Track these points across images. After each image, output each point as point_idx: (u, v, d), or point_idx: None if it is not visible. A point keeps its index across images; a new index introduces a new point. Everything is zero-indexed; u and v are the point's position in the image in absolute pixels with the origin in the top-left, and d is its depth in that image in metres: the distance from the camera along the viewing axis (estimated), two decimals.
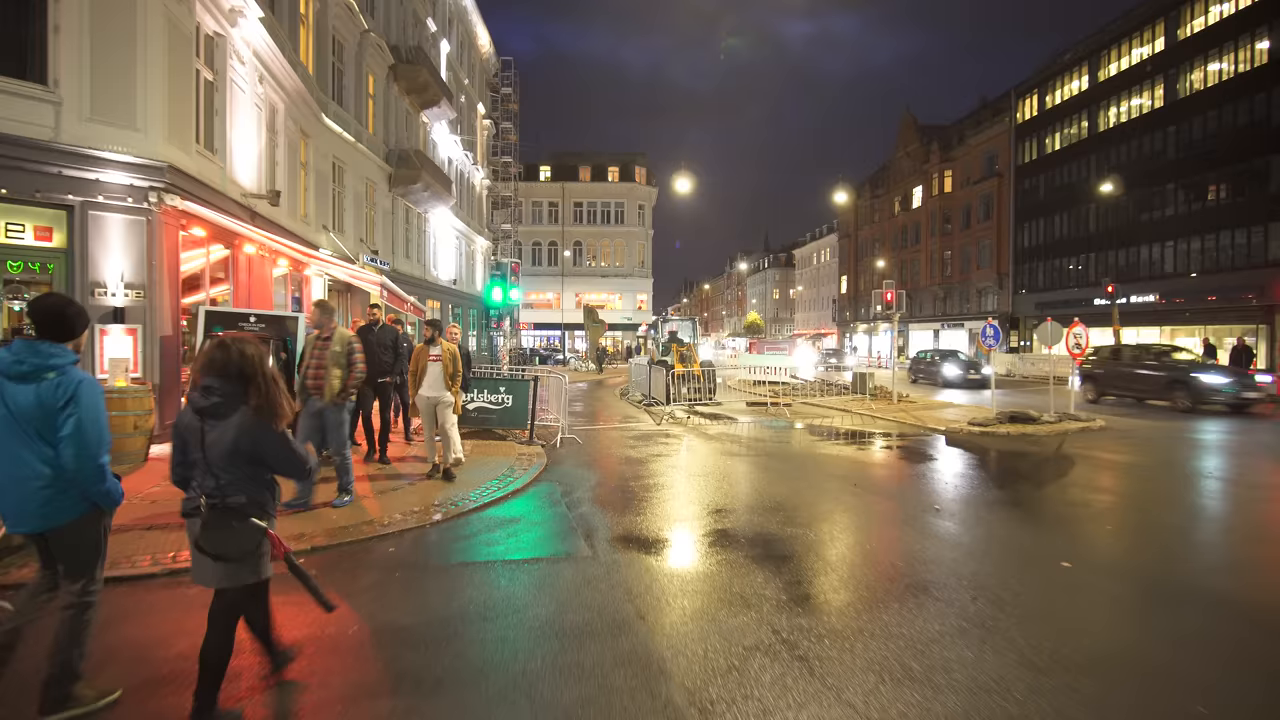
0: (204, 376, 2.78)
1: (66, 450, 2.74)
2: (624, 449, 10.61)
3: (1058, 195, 44.33)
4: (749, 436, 12.12)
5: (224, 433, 2.71)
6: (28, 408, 2.74)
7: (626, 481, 8.09)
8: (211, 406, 2.73)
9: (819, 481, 8.39)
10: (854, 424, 13.93)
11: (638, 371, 21.74)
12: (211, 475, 2.72)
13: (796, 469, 9.13)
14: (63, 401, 2.75)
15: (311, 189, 16.94)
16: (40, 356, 2.78)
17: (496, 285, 11.38)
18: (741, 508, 6.87)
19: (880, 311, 17.30)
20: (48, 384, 2.75)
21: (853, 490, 7.83)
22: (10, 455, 2.77)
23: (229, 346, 2.80)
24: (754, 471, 8.97)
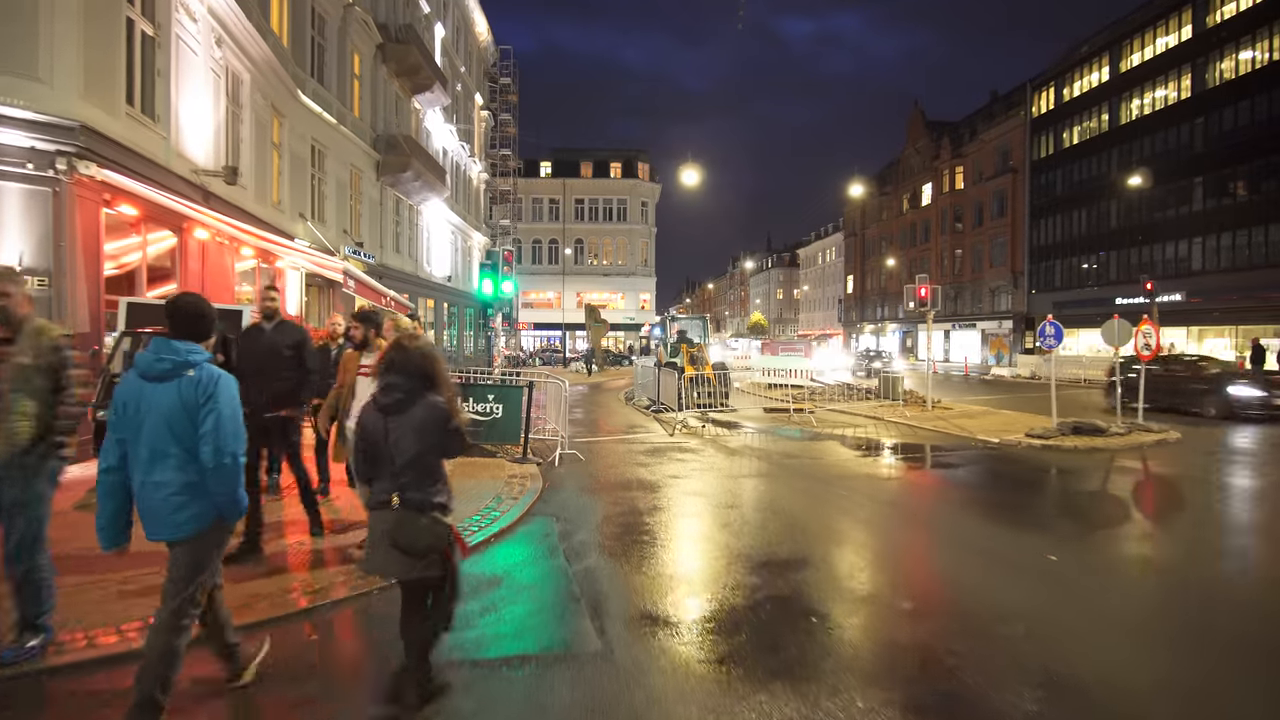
0: (386, 375, 2.86)
1: (205, 447, 2.70)
2: (635, 468, 9.01)
3: (1076, 191, 42.70)
4: (778, 451, 10.51)
5: (408, 429, 2.78)
6: (168, 408, 2.70)
7: (642, 517, 6.48)
8: (395, 404, 2.80)
9: (889, 520, 6.78)
10: (892, 435, 12.33)
11: (644, 374, 20.14)
12: (398, 471, 2.78)
13: (850, 500, 7.51)
14: (203, 398, 2.72)
15: (286, 173, 15.35)
16: (179, 354, 2.75)
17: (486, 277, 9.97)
18: (806, 559, 5.25)
19: (914, 308, 15.73)
20: (188, 381, 2.73)
21: (941, 536, 6.22)
22: (149, 460, 2.70)
23: (408, 347, 2.90)
24: (800, 501, 7.36)
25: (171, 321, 2.84)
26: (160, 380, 2.71)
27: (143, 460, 2.69)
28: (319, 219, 17.30)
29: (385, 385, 2.86)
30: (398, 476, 2.79)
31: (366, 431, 2.87)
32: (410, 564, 2.78)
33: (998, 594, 4.54)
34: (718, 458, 9.82)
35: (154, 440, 2.68)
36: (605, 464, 9.19)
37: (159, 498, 2.69)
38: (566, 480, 8.04)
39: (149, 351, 2.76)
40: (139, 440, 2.69)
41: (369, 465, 2.88)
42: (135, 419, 2.69)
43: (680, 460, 9.53)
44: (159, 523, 2.72)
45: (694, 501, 7.11)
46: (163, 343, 2.77)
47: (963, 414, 15.09)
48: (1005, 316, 50.06)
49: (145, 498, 2.71)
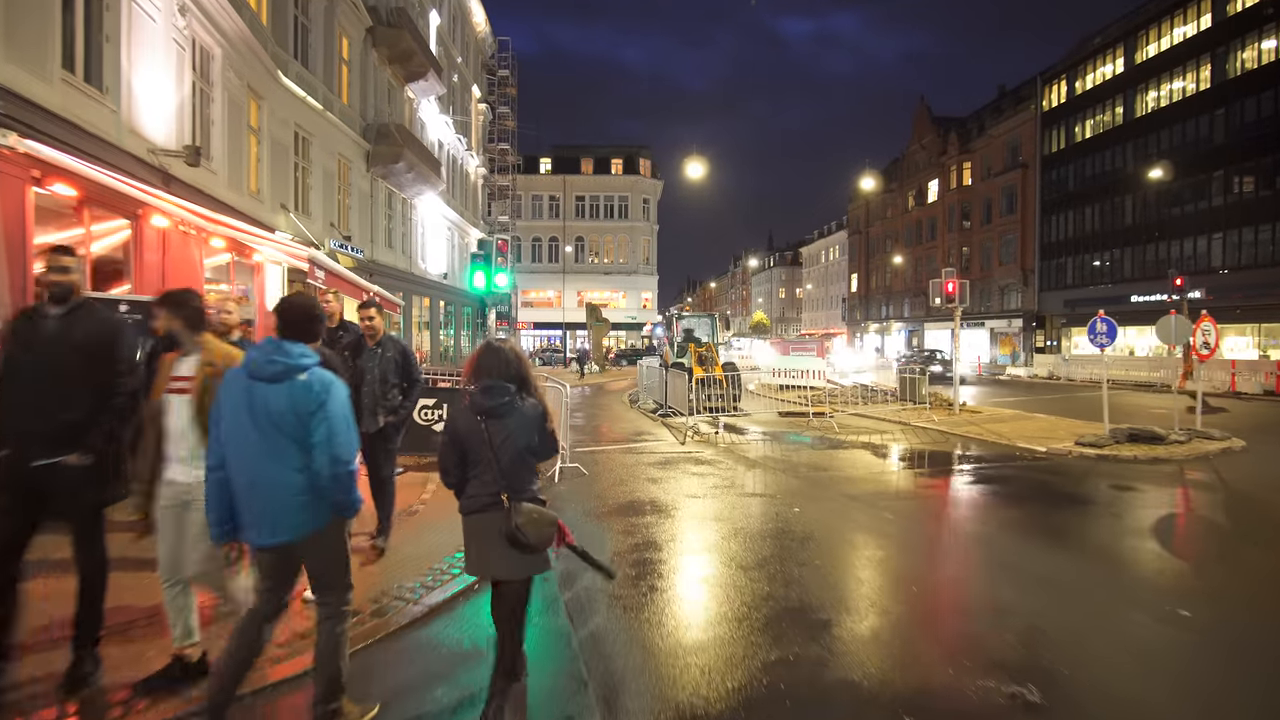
0: (483, 378, 2.83)
1: (321, 456, 2.61)
2: (645, 484, 7.93)
3: (1089, 186, 41.58)
4: (804, 463, 9.42)
5: (510, 431, 2.78)
6: (280, 411, 2.60)
7: (659, 553, 5.40)
8: (498, 407, 2.77)
9: (955, 557, 5.70)
10: (923, 442, 11.26)
11: (649, 375, 19.06)
12: (503, 473, 2.77)
13: (901, 528, 6.43)
14: (315, 405, 2.63)
15: (266, 160, 14.28)
16: (291, 356, 2.67)
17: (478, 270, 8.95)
18: (869, 618, 4.17)
19: (940, 304, 14.67)
20: (299, 385, 2.64)
21: (1026, 580, 5.15)
22: (261, 461, 2.60)
23: (501, 349, 2.93)
24: (843, 530, 6.28)
25: (281, 321, 2.76)
26: (271, 381, 2.62)
27: (254, 461, 2.60)
28: (303, 211, 16.23)
29: (486, 388, 2.81)
30: (504, 477, 2.77)
31: (460, 434, 2.82)
32: (528, 562, 2.80)
33: (1146, 679, 3.46)
34: (737, 471, 8.74)
35: (269, 441, 2.59)
36: (612, 479, 8.09)
37: (279, 499, 2.61)
38: (568, 501, 6.96)
39: (259, 351, 2.68)
40: (248, 441, 2.60)
41: (462, 468, 2.84)
42: (243, 419, 2.60)
43: (696, 475, 8.44)
44: (277, 524, 2.62)
45: (719, 531, 6.02)
46: (274, 343, 2.69)
47: (993, 418, 14.02)
48: (1015, 315, 48.96)
49: (259, 499, 2.61)
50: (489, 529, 2.76)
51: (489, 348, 2.96)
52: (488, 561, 2.82)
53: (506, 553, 2.75)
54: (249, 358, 2.69)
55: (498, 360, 2.88)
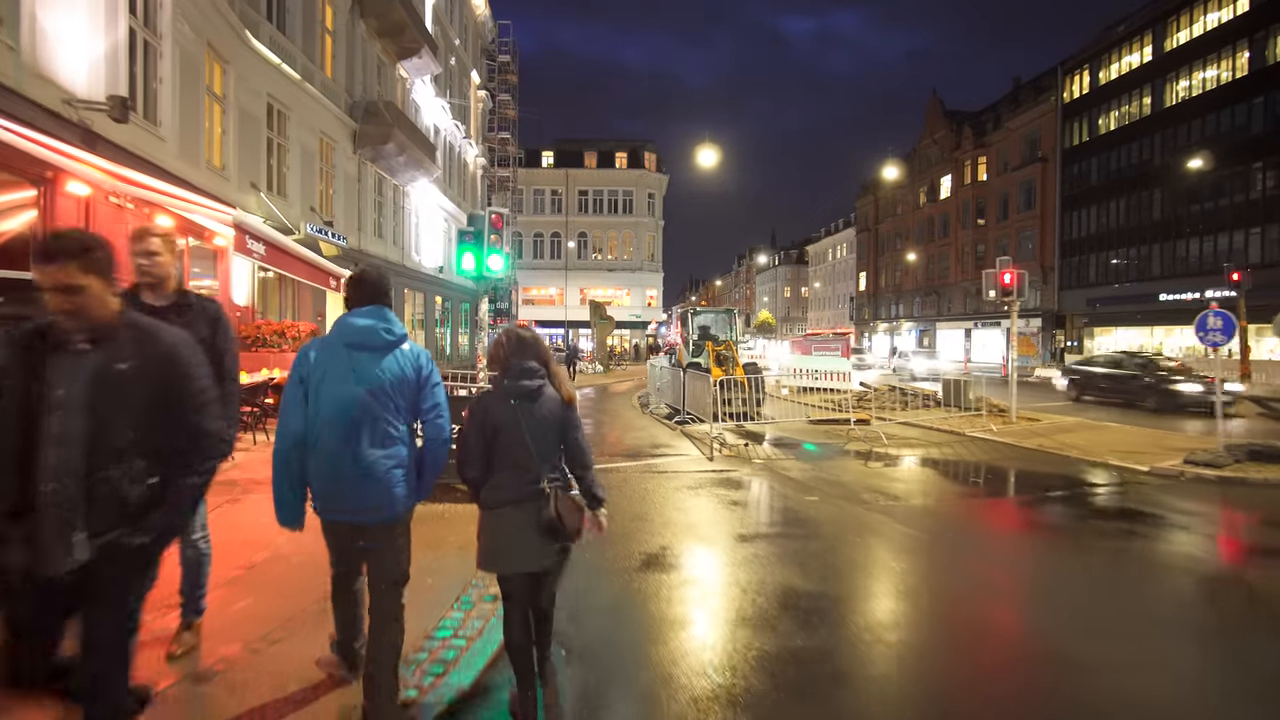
0: (520, 359, 2.73)
1: (437, 421, 2.66)
2: (679, 521, 6.24)
3: (1113, 180, 39.84)
4: (867, 488, 7.71)
5: (545, 414, 2.70)
6: (392, 380, 2.56)
7: (723, 656, 3.72)
8: (535, 390, 2.69)
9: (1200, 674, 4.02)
10: (994, 458, 9.58)
11: (661, 376, 17.40)
12: (541, 459, 2.68)
13: (1037, 587, 4.74)
14: (428, 372, 2.67)
15: (233, 133, 12.60)
16: (398, 325, 2.65)
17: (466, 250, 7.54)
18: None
19: (995, 298, 12.99)
20: (406, 354, 2.64)
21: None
22: (365, 433, 2.50)
23: (524, 334, 2.81)
24: (979, 604, 4.59)
25: (361, 292, 2.67)
26: (377, 351, 2.56)
27: (353, 433, 2.50)
28: (278, 192, 14.55)
29: (523, 369, 2.70)
30: (542, 464, 2.67)
31: (494, 422, 2.66)
32: (560, 551, 2.76)
33: None
34: (789, 498, 7.04)
35: (376, 412, 2.52)
36: (634, 514, 6.40)
37: (379, 472, 2.52)
38: (580, 546, 5.27)
39: (367, 319, 2.60)
40: (347, 412, 2.49)
41: (487, 459, 2.68)
42: (341, 389, 2.50)
43: (737, 504, 6.74)
44: (372, 498, 2.53)
45: (803, 607, 4.31)
46: (382, 311, 2.64)
47: (1056, 427, 12.32)
48: (1033, 314, 47.22)
49: (353, 473, 2.50)
50: (525, 520, 2.65)
51: (518, 332, 2.83)
52: (530, 554, 2.68)
53: (543, 543, 2.66)
54: (346, 328, 2.58)
55: (530, 342, 2.78)
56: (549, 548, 2.69)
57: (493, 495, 2.67)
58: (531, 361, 2.72)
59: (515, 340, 2.78)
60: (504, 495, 2.65)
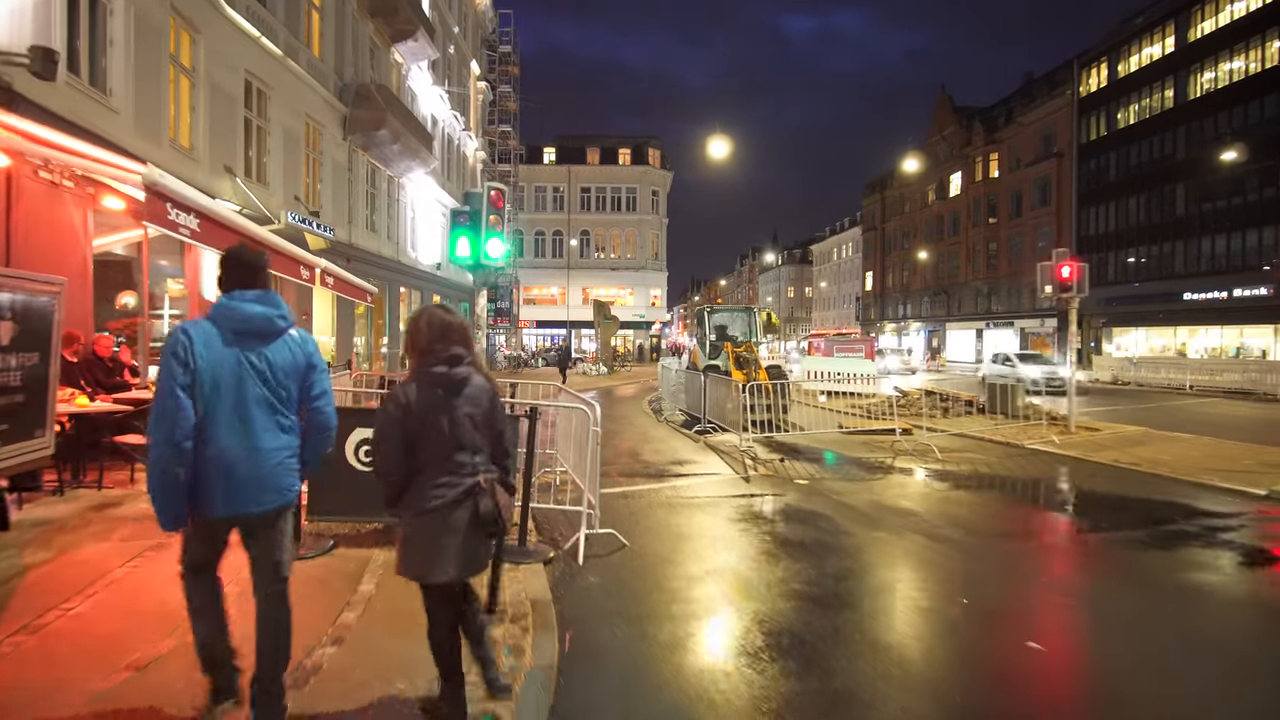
0: (448, 345, 2.48)
1: (326, 409, 2.58)
2: (730, 568, 4.95)
3: (1133, 175, 38.52)
4: (942, 518, 6.42)
5: (475, 405, 2.51)
6: (285, 368, 2.47)
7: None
8: (465, 378, 2.49)
9: None
10: (1071, 476, 8.29)
11: (673, 380, 16.11)
12: (472, 451, 2.49)
13: None
14: (315, 357, 2.57)
15: (204, 110, 11.32)
16: (286, 309, 2.51)
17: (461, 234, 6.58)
18: None
19: (1052, 294, 11.70)
20: (296, 341, 2.53)
21: None
22: (254, 424, 2.41)
23: (449, 317, 2.56)
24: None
25: (240, 274, 2.49)
26: (269, 339, 2.45)
27: (243, 425, 2.38)
28: (257, 178, 13.26)
29: (450, 356, 2.47)
30: (474, 457, 2.49)
31: (418, 416, 2.42)
32: (493, 547, 2.62)
33: None
34: (856, 537, 5.72)
35: (271, 403, 2.44)
36: (672, 560, 5.09)
37: (271, 464, 2.44)
38: (607, 619, 3.94)
39: (258, 304, 2.44)
40: (235, 403, 2.37)
41: (408, 459, 2.43)
42: (231, 380, 2.36)
43: (798, 550, 5.40)
44: (269, 489, 2.45)
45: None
46: (270, 296, 2.49)
47: (1120, 438, 11.03)
48: (1048, 314, 45.87)
49: (249, 466, 2.40)
50: (459, 521, 2.43)
51: (440, 310, 2.57)
52: (472, 556, 2.49)
53: (481, 542, 2.51)
54: (239, 312, 2.40)
55: (455, 326, 2.53)
56: (486, 544, 2.56)
57: (423, 497, 2.43)
58: (457, 347, 2.50)
59: (440, 324, 2.51)
60: (437, 495, 2.42)
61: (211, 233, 4.58)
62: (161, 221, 3.96)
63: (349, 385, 8.12)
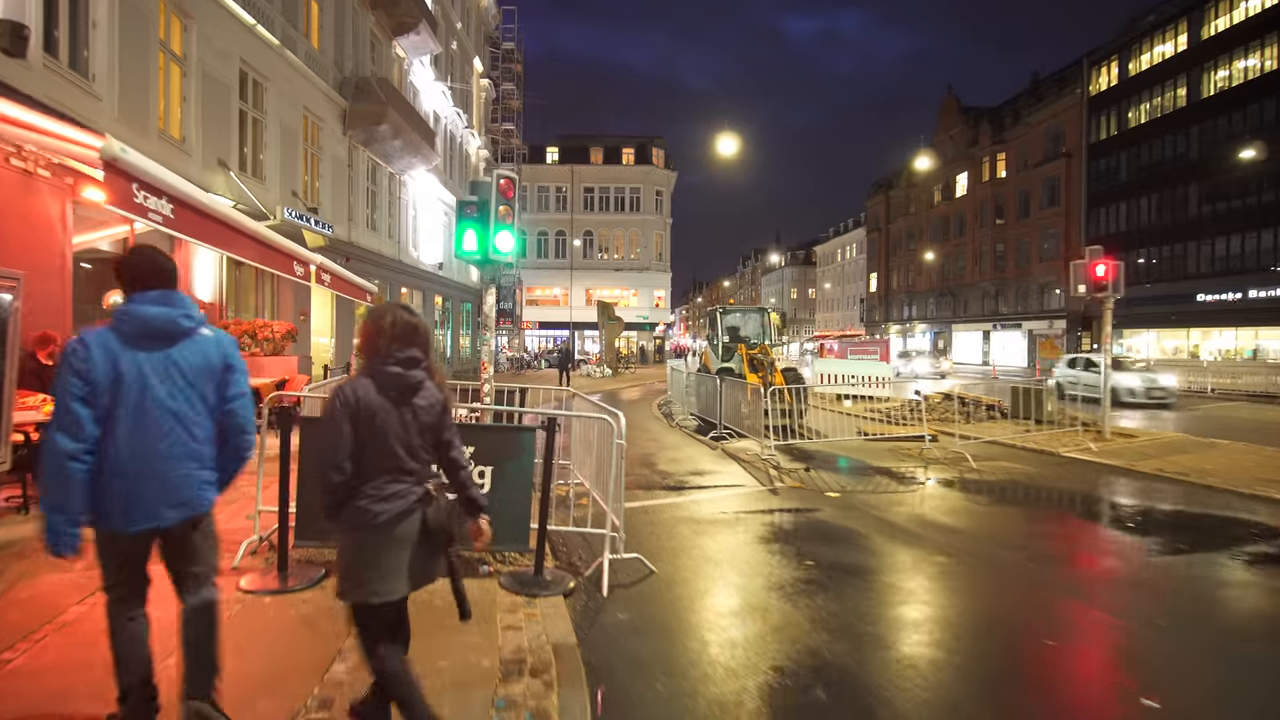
0: (404, 346, 2.33)
1: (242, 412, 2.47)
2: (777, 607, 4.40)
3: (1145, 175, 37.94)
4: (997, 539, 5.86)
5: (427, 412, 2.36)
6: (197, 368, 2.36)
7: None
8: (419, 382, 2.35)
9: None
10: (1122, 488, 7.74)
11: (684, 382, 15.57)
12: (420, 458, 2.36)
13: None
14: (232, 359, 2.46)
15: (195, 100, 10.79)
16: (195, 309, 2.41)
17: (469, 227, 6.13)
18: None
19: (1086, 293, 11.14)
20: (208, 341, 2.41)
21: None
22: (156, 431, 2.27)
23: (412, 317, 2.40)
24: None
25: (140, 275, 2.34)
26: (175, 341, 2.33)
27: (147, 434, 2.26)
28: (252, 173, 12.73)
29: (407, 358, 2.32)
30: (423, 466, 2.37)
31: (370, 419, 2.24)
32: (448, 558, 2.42)
33: None
34: (920, 563, 5.17)
35: (181, 409, 2.31)
36: (708, 590, 4.53)
37: (178, 473, 2.32)
38: (643, 669, 3.37)
39: (158, 306, 2.31)
40: (138, 411, 2.25)
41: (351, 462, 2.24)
42: (133, 387, 2.25)
43: (849, 578, 4.86)
44: (175, 501, 2.32)
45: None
46: (171, 295, 2.35)
47: (1160, 446, 10.47)
48: (1057, 316, 45.31)
49: (152, 476, 2.27)
50: (409, 532, 2.28)
51: (404, 310, 2.40)
52: (420, 569, 2.33)
53: (432, 555, 2.36)
54: (139, 315, 2.28)
55: (419, 328, 2.39)
56: (437, 557, 2.37)
57: (370, 510, 2.23)
58: (415, 350, 2.35)
59: (404, 325, 2.35)
60: (385, 506, 2.25)
61: (189, 222, 4.03)
62: (126, 205, 3.42)
63: None
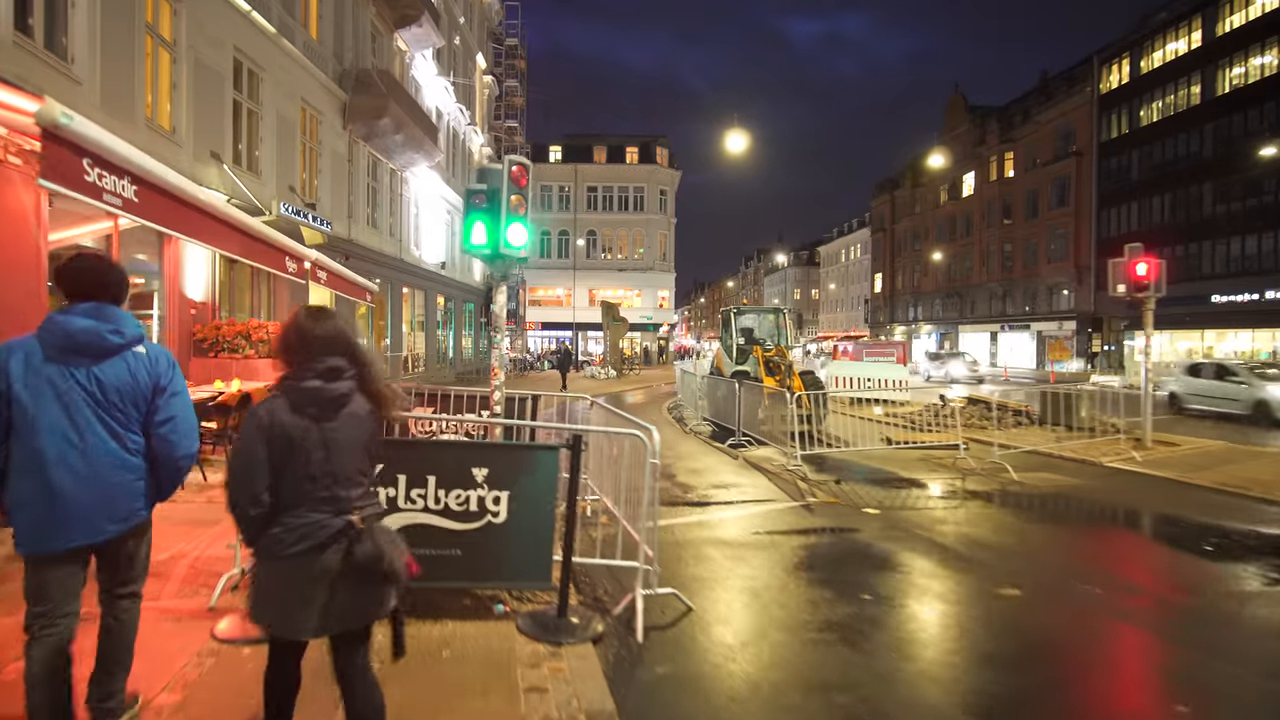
0: (324, 356, 2.05)
1: (170, 437, 2.32)
2: (843, 660, 3.82)
3: (1157, 174, 37.32)
4: (1064, 567, 5.28)
5: (352, 429, 2.08)
6: (122, 387, 2.23)
7: None
8: (343, 397, 2.06)
9: None
10: (1183, 503, 7.15)
11: (696, 386, 15.00)
12: (349, 485, 2.08)
13: None
14: (165, 380, 2.31)
15: (186, 88, 10.23)
16: (131, 325, 2.29)
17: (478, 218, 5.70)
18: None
19: (1128, 293, 10.56)
20: (141, 358, 2.28)
21: None
22: (78, 447, 2.17)
23: (330, 321, 2.12)
24: None
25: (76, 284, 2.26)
26: (102, 356, 2.21)
27: (67, 450, 2.16)
28: (247, 166, 12.17)
29: (327, 369, 2.02)
30: (350, 490, 2.07)
31: (280, 438, 1.98)
32: (387, 595, 2.12)
33: None
34: (971, 589, 4.59)
35: (96, 425, 2.20)
36: (758, 637, 3.94)
37: (98, 492, 2.22)
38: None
39: (86, 319, 2.20)
40: (58, 426, 2.15)
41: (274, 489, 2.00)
42: (53, 401, 2.14)
43: (911, 613, 4.29)
44: (99, 518, 2.23)
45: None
46: (102, 309, 2.22)
47: (1207, 456, 9.88)
48: (1067, 316, 44.68)
49: (72, 492, 2.16)
50: (327, 567, 2.00)
51: (319, 312, 2.12)
52: (341, 609, 2.01)
53: (359, 591, 2.04)
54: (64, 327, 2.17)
55: (336, 330, 2.09)
56: (368, 595, 2.06)
57: (283, 540, 1.99)
58: (337, 359, 2.05)
59: (322, 330, 2.05)
60: (299, 538, 1.99)
61: (157, 207, 3.46)
62: (73, 183, 2.84)
63: None
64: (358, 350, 2.12)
